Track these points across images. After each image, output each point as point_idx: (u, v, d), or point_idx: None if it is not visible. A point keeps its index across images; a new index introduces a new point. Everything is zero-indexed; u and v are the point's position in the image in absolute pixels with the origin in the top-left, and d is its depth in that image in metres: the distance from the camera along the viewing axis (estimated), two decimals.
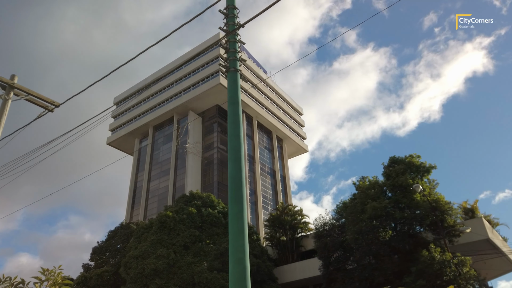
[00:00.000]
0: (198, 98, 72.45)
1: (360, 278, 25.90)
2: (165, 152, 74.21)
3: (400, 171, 26.62)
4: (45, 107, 13.18)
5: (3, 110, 11.94)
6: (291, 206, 42.66)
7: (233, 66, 9.03)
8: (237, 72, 9.02)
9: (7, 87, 12.34)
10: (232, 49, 9.44)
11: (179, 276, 31.86)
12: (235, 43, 9.71)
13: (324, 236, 31.32)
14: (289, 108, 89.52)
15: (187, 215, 36.24)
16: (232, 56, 9.26)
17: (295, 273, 39.09)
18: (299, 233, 41.95)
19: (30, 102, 13.06)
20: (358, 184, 30.06)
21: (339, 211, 31.31)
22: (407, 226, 26.63)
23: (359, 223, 26.85)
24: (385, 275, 25.01)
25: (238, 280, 4.94)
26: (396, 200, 25.86)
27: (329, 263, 29.94)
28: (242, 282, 5.00)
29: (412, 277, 23.05)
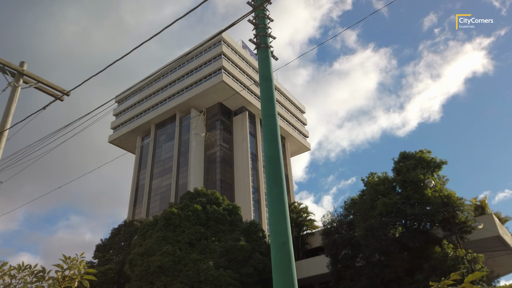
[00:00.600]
0: (200, 95, 72.02)
1: (370, 275, 25.46)
2: (167, 150, 73.76)
3: (411, 166, 26.19)
4: (54, 95, 12.75)
5: (12, 97, 11.50)
6: (297, 204, 42.25)
7: (263, 42, 8.59)
8: (268, 48, 8.56)
9: (17, 74, 11.91)
10: (261, 25, 9.00)
11: (185, 273, 31.43)
12: (264, 19, 9.27)
13: (332, 233, 30.90)
14: (291, 106, 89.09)
15: (192, 212, 35.80)
16: (262, 32, 8.83)
17: (301, 271, 38.64)
18: (304, 230, 41.57)
19: (39, 90, 12.62)
20: (366, 180, 29.63)
21: (347, 208, 30.88)
22: (417, 223, 26.20)
23: (369, 220, 26.43)
24: (395, 272, 24.59)
25: (282, 267, 4.51)
26: (407, 196, 25.43)
27: (337, 260, 29.50)
28: (287, 269, 4.56)
29: (425, 274, 22.63)
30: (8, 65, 11.79)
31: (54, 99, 12.76)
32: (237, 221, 38.44)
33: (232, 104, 75.65)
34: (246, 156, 70.03)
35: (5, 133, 10.90)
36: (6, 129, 10.88)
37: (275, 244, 4.85)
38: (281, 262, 4.62)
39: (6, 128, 10.90)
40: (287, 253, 4.73)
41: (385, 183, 27.22)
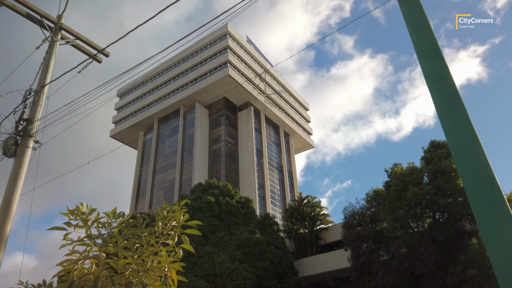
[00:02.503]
0: (205, 90, 70.68)
1: (399, 269, 24.33)
2: (171, 145, 72.31)
3: (443, 155, 25.07)
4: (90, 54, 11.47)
5: (51, 52, 10.22)
6: (310, 198, 41.06)
7: None
8: None
9: (54, 27, 10.63)
10: None
11: (200, 266, 30.14)
12: None
13: (353, 226, 29.74)
14: (295, 102, 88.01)
15: (206, 203, 34.52)
16: None
17: (315, 267, 37.53)
18: (318, 225, 40.39)
19: (76, 48, 11.34)
20: (391, 171, 28.47)
21: (370, 200, 29.72)
22: (448, 214, 25.10)
23: (397, 211, 25.31)
24: (426, 266, 23.45)
25: (489, 207, 3.31)
26: (438, 186, 24.30)
27: (360, 254, 28.33)
28: (498, 209, 3.35)
29: (461, 267, 21.52)
30: (47, 16, 10.51)
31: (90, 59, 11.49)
32: (251, 214, 37.21)
33: (237, 99, 74.42)
34: (251, 152, 68.80)
35: (45, 89, 9.62)
36: (46, 83, 9.59)
37: (475, 179, 3.61)
38: (488, 200, 3.41)
39: (46, 83, 9.62)
40: (497, 189, 3.50)
41: (414, 173, 26.09)
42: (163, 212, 4.71)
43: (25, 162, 8.58)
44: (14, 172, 8.37)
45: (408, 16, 4.95)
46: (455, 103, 4.19)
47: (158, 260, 4.81)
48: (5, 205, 7.93)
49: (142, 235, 4.64)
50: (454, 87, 4.29)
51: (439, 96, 4.27)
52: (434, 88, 4.36)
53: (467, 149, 3.87)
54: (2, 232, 7.61)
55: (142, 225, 4.62)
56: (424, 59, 4.58)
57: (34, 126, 8.96)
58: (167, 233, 4.84)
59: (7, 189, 8.15)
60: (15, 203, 8.06)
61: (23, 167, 8.50)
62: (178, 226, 4.84)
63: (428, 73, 4.48)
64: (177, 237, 4.87)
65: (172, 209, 4.80)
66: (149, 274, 4.51)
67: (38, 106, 9.30)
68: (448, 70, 4.43)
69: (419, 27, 4.78)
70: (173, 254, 4.89)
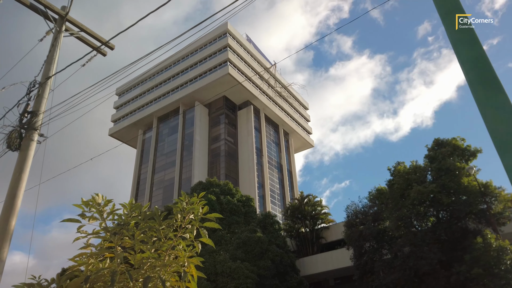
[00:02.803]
0: (205, 88, 70.38)
1: (403, 268, 24.10)
2: (170, 143, 72.00)
3: (447, 153, 24.87)
4: (94, 47, 11.20)
5: (55, 43, 9.96)
6: (312, 196, 40.84)
7: None
8: None
9: (59, 18, 10.37)
10: None
11: None
12: None
13: (356, 224, 29.52)
14: (295, 102, 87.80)
15: (207, 202, 34.22)
16: None
17: (316, 266, 37.31)
18: (319, 224, 40.17)
19: (80, 40, 11.08)
20: (393, 170, 28.26)
21: (372, 199, 29.50)
22: (451, 213, 24.90)
23: (401, 209, 25.09)
24: (431, 265, 23.24)
25: None
26: (442, 184, 24.09)
27: (362, 253, 28.11)
28: None
29: (466, 266, 21.32)
30: (51, 7, 10.25)
31: (95, 52, 11.23)
32: (252, 213, 36.98)
33: (237, 98, 74.16)
34: (251, 151, 68.55)
35: (49, 82, 9.35)
36: (50, 75, 9.33)
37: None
38: None
39: (50, 75, 9.35)
40: None
41: (417, 171, 25.88)
42: (182, 204, 4.46)
43: (30, 155, 8.32)
44: (19, 166, 8.11)
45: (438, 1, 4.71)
46: (494, 88, 3.96)
47: (175, 255, 4.57)
48: (10, 199, 7.68)
49: (159, 228, 4.40)
50: (492, 71, 4.06)
51: (477, 81, 4.04)
52: (471, 74, 4.13)
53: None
54: (7, 227, 7.36)
55: (160, 217, 4.38)
56: (458, 44, 4.35)
57: (39, 118, 8.70)
58: (185, 226, 4.60)
59: (11, 183, 7.90)
60: (20, 198, 7.81)
61: (28, 161, 8.24)
62: (196, 219, 4.60)
63: (464, 58, 4.25)
64: (195, 231, 4.64)
65: (191, 201, 4.55)
66: (166, 269, 4.26)
67: (43, 99, 9.04)
68: (484, 54, 4.20)
69: (451, 10, 4.54)
70: (190, 249, 4.65)
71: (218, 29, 73.08)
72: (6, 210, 7.53)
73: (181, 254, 4.45)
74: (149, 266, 4.20)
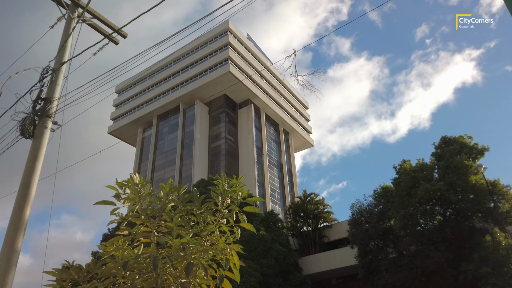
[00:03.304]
0: (205, 86, 70.00)
1: (410, 267, 23.87)
2: (170, 141, 71.60)
3: (455, 151, 24.65)
4: (105, 34, 10.88)
5: (68, 30, 9.64)
6: (314, 195, 40.58)
7: None
8: None
9: (71, 4, 10.05)
10: None
11: None
12: None
13: (361, 223, 29.26)
14: (295, 101, 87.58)
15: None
16: None
17: (319, 265, 37.03)
18: (321, 223, 39.90)
19: (92, 27, 10.76)
20: (399, 168, 28.04)
21: (377, 197, 29.25)
22: (458, 211, 24.69)
23: (407, 208, 24.86)
24: (438, 263, 23.02)
25: None
26: (450, 182, 23.87)
27: (367, 252, 27.86)
28: None
29: (475, 264, 21.10)
30: None
31: (107, 40, 10.91)
32: None
33: (237, 96, 73.84)
34: (251, 150, 68.25)
35: (63, 68, 9.03)
36: (64, 61, 9.00)
37: None
38: None
39: (64, 61, 9.03)
40: None
41: (424, 169, 25.66)
42: (223, 186, 4.16)
43: (44, 143, 8.00)
44: (33, 154, 7.79)
45: None
46: None
47: (211, 241, 4.28)
48: (24, 188, 7.36)
49: (198, 212, 4.10)
50: None
51: None
52: None
53: None
54: (22, 216, 7.05)
55: (199, 200, 4.08)
56: None
57: (53, 105, 8.38)
58: (224, 210, 4.31)
59: (25, 172, 7.58)
60: (34, 187, 7.49)
61: (42, 149, 7.92)
62: (236, 203, 4.30)
63: None
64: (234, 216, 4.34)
65: (230, 183, 4.26)
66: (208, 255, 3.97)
67: (57, 85, 8.72)
68: None
69: None
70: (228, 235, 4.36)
71: (219, 27, 72.74)
72: (20, 199, 7.22)
73: (220, 240, 4.15)
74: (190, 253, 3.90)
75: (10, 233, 6.85)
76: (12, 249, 6.69)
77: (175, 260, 3.83)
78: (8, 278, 6.45)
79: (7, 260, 6.56)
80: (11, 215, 7.08)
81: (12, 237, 6.79)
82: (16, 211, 7.09)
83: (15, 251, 6.73)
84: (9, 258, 6.59)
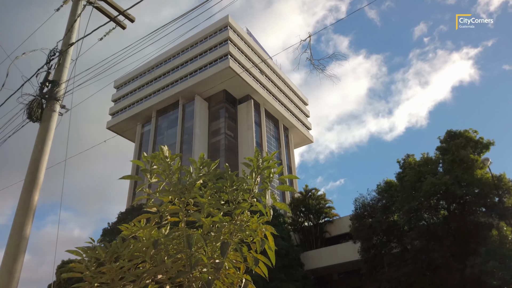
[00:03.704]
0: (205, 82, 69.45)
1: (415, 261, 23.66)
2: (169, 137, 71.15)
3: (461, 145, 24.40)
4: (111, 17, 10.52)
5: (74, 13, 9.29)
6: (315, 190, 40.37)
7: None
8: None
9: None
10: None
11: None
12: None
13: (364, 217, 29.05)
14: (295, 97, 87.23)
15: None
16: None
17: (320, 260, 36.88)
18: (323, 218, 39.72)
19: (99, 11, 10.41)
20: (403, 162, 27.79)
21: (381, 192, 29.01)
22: (463, 206, 24.49)
23: (412, 202, 24.62)
24: (443, 257, 22.82)
25: None
26: (455, 176, 23.63)
27: (371, 246, 27.65)
28: None
29: (481, 259, 20.90)
30: None
31: (114, 25, 10.57)
32: None
33: (237, 92, 73.39)
34: (251, 146, 67.89)
35: (70, 50, 8.69)
36: (72, 42, 8.66)
37: None
38: None
39: (72, 42, 8.69)
40: None
41: (429, 163, 25.42)
42: (258, 162, 3.85)
43: (52, 127, 7.68)
44: (40, 138, 7.47)
45: None
46: None
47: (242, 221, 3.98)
48: (32, 173, 7.04)
49: (229, 190, 3.79)
50: None
51: None
52: None
53: None
54: (30, 201, 6.74)
55: (231, 176, 3.77)
56: None
57: (61, 88, 8.04)
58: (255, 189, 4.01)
59: (33, 155, 7.26)
60: (43, 171, 7.18)
61: (50, 133, 7.60)
62: (268, 181, 4.00)
63: None
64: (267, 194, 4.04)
65: (264, 158, 3.95)
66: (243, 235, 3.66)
67: (64, 68, 8.39)
68: None
69: None
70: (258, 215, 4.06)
71: (218, 22, 72.25)
72: (28, 183, 6.91)
73: (253, 220, 3.85)
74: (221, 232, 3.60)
75: (19, 218, 6.55)
76: (21, 235, 6.40)
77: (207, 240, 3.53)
78: (17, 265, 6.15)
79: (16, 246, 6.27)
80: (19, 200, 6.78)
81: (20, 223, 6.50)
82: (24, 196, 6.78)
83: (24, 238, 6.44)
84: (18, 244, 6.30)
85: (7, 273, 5.99)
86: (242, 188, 3.84)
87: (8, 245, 6.32)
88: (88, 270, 3.42)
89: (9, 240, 6.38)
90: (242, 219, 3.92)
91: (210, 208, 3.70)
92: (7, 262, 6.10)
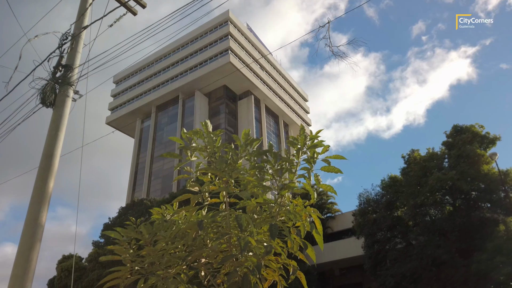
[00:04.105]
0: (205, 77, 69.09)
1: (419, 257, 23.50)
2: (169, 132, 70.79)
3: (467, 140, 24.24)
4: (122, 2, 10.21)
5: None
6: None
7: None
8: None
9: None
10: None
11: None
12: None
13: (367, 213, 28.86)
14: (295, 93, 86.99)
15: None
16: None
17: (322, 255, 36.63)
18: (325, 213, 39.54)
19: None
20: (408, 158, 27.61)
21: (385, 187, 28.81)
22: (468, 201, 24.35)
23: (418, 197, 24.46)
24: (449, 253, 22.69)
25: None
26: (462, 171, 23.48)
27: (375, 242, 27.48)
28: None
29: (488, 254, 20.76)
30: None
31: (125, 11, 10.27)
32: None
33: (237, 88, 73.07)
34: None
35: (82, 35, 8.41)
36: (84, 26, 8.38)
37: None
38: None
39: (84, 26, 8.40)
40: None
41: (435, 158, 25.25)
42: (305, 139, 3.61)
43: (66, 113, 7.42)
44: (54, 124, 7.20)
45: None
46: None
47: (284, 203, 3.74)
48: (46, 159, 6.78)
49: (275, 169, 3.55)
50: None
51: None
52: None
53: None
54: (45, 188, 6.48)
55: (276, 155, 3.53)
56: None
57: (74, 73, 7.77)
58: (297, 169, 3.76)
59: (47, 142, 7.00)
60: (57, 157, 6.91)
61: (64, 119, 7.33)
62: (312, 161, 3.75)
63: None
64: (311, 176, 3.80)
65: (311, 137, 3.71)
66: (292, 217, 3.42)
67: (77, 53, 8.11)
68: None
69: None
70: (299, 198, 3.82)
71: (219, 17, 71.82)
72: (43, 170, 6.64)
73: (298, 202, 3.61)
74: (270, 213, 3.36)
75: (33, 206, 6.30)
76: (36, 223, 6.15)
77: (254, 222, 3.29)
78: (33, 254, 5.90)
79: (31, 234, 6.02)
80: (34, 187, 6.52)
81: (35, 211, 6.24)
82: (39, 184, 6.53)
83: (40, 226, 6.19)
84: (33, 233, 6.05)
85: (24, 262, 5.75)
86: (286, 168, 3.59)
87: (24, 234, 6.08)
88: (128, 253, 3.17)
89: (24, 228, 6.13)
90: (284, 202, 3.67)
91: (254, 188, 3.46)
92: (23, 251, 5.86)
